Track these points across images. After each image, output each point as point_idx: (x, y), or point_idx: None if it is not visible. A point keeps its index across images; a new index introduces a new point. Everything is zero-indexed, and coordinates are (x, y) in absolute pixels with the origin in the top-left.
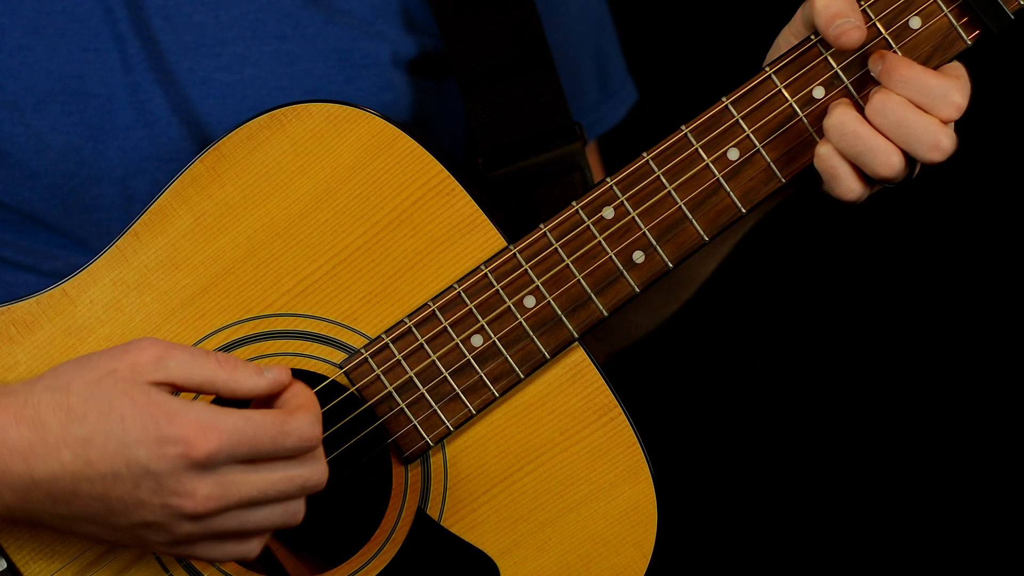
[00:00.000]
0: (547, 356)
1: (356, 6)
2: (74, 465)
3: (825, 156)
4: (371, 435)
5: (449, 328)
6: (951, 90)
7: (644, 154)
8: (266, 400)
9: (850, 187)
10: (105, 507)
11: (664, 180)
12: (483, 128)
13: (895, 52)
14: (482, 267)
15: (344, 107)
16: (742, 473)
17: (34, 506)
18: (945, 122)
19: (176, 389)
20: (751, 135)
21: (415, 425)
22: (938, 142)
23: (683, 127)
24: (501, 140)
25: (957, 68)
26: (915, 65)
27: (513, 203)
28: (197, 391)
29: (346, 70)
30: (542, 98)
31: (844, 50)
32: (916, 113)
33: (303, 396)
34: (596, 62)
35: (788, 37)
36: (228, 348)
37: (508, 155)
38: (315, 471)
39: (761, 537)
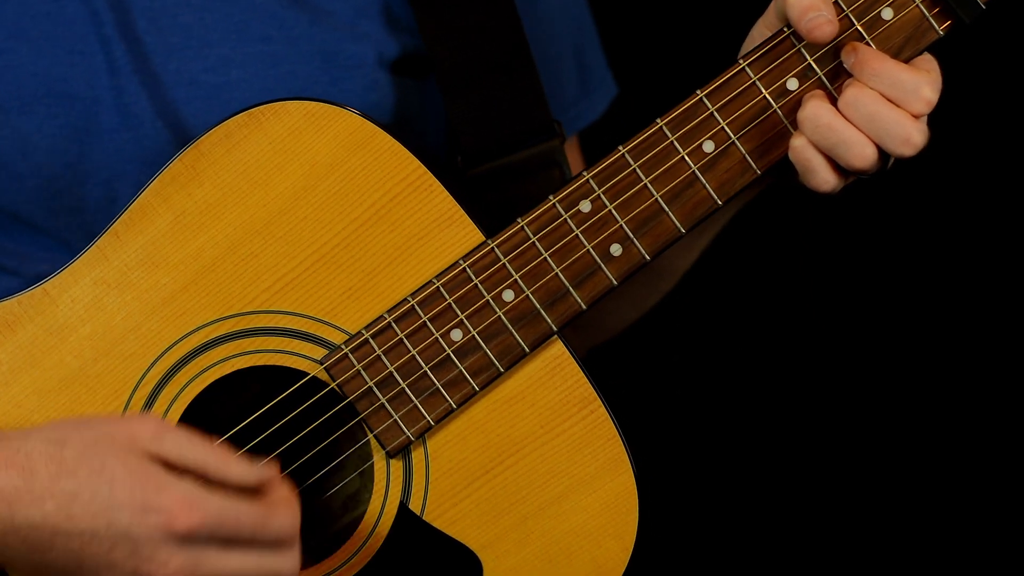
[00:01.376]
0: (526, 350)
1: (340, 7)
2: (56, 517)
3: (799, 148)
4: (352, 430)
5: (428, 323)
6: (922, 85)
7: (620, 147)
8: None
9: (825, 179)
10: (77, 564)
11: (640, 173)
12: (462, 126)
13: (868, 44)
14: (460, 262)
15: (321, 104)
16: (724, 464)
17: (8, 551)
18: (916, 116)
19: (168, 465)
20: (726, 127)
21: (396, 420)
22: (909, 136)
23: (658, 120)
24: (480, 138)
25: (929, 61)
26: (887, 59)
27: (492, 200)
28: (187, 471)
29: (331, 71)
30: (521, 96)
31: (817, 44)
32: (888, 107)
33: (285, 492)
34: (576, 57)
35: (762, 29)
36: (209, 345)
37: (487, 153)
38: (287, 565)
39: (744, 528)
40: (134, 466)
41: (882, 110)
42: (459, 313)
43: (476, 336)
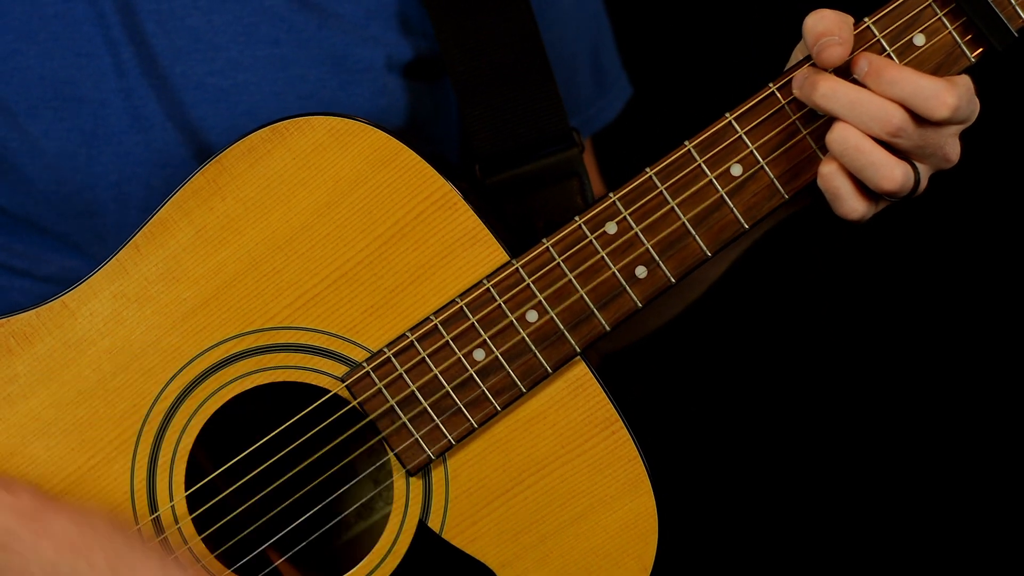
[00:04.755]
0: (549, 370)
1: (350, 10)
2: None
3: (828, 176)
4: (372, 448)
5: (451, 342)
6: (942, 90)
7: (647, 169)
8: None
9: (853, 207)
10: None
11: (667, 195)
12: (480, 134)
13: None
14: (484, 281)
15: (346, 120)
16: (744, 486)
17: None
18: (939, 123)
19: None
20: (754, 151)
21: (417, 439)
22: (890, 117)
23: (686, 143)
24: (499, 146)
25: (961, 76)
26: (903, 67)
27: (511, 209)
28: None
29: (340, 75)
30: (539, 103)
31: (826, 67)
32: (866, 94)
33: None
34: (592, 57)
35: (797, 55)
36: (229, 361)
37: (506, 161)
38: None
39: (762, 551)
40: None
41: (861, 96)
42: (482, 333)
43: (499, 356)
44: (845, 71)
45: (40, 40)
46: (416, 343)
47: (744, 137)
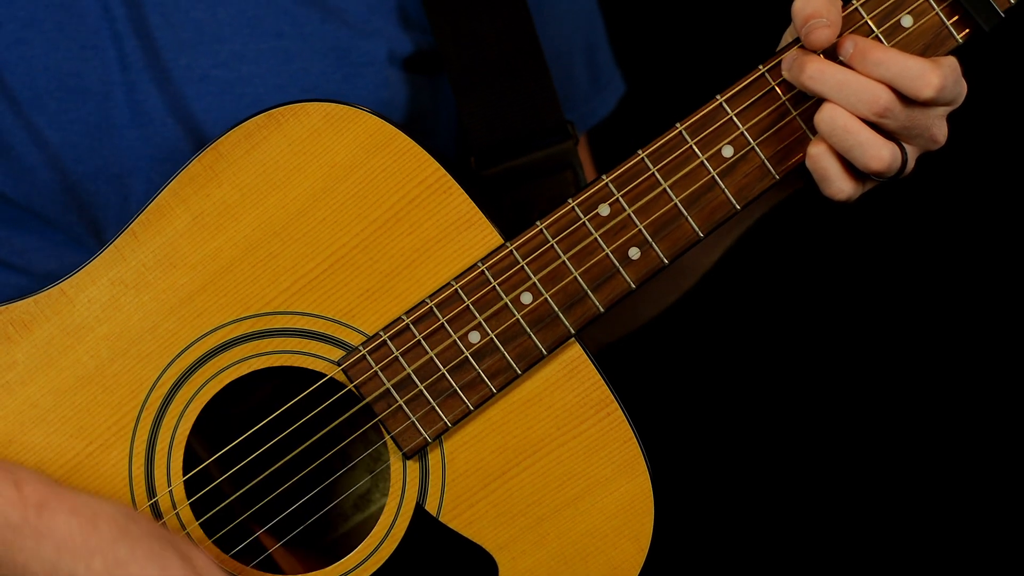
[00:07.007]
0: (544, 352)
1: (352, 4)
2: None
3: (816, 156)
4: (368, 432)
5: (447, 325)
6: (927, 70)
7: (639, 151)
8: None
9: (840, 187)
10: None
11: (659, 177)
12: (475, 126)
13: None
14: (479, 264)
15: (341, 106)
16: (738, 467)
17: None
18: (925, 103)
19: None
20: (745, 132)
21: (413, 422)
22: (877, 98)
23: (678, 124)
24: (494, 138)
25: (947, 57)
26: (888, 48)
27: (505, 201)
28: None
29: (343, 68)
30: (534, 96)
31: (814, 48)
32: (853, 75)
33: None
34: (586, 55)
35: (788, 37)
36: (226, 346)
37: (501, 153)
38: None
39: (758, 530)
40: (190, 571)
41: (848, 77)
42: (477, 315)
43: (494, 338)
44: (834, 53)
45: (45, 30)
46: (411, 326)
47: (735, 119)
